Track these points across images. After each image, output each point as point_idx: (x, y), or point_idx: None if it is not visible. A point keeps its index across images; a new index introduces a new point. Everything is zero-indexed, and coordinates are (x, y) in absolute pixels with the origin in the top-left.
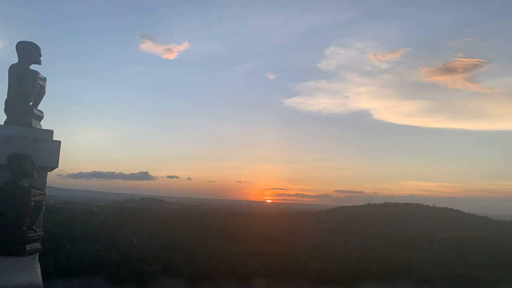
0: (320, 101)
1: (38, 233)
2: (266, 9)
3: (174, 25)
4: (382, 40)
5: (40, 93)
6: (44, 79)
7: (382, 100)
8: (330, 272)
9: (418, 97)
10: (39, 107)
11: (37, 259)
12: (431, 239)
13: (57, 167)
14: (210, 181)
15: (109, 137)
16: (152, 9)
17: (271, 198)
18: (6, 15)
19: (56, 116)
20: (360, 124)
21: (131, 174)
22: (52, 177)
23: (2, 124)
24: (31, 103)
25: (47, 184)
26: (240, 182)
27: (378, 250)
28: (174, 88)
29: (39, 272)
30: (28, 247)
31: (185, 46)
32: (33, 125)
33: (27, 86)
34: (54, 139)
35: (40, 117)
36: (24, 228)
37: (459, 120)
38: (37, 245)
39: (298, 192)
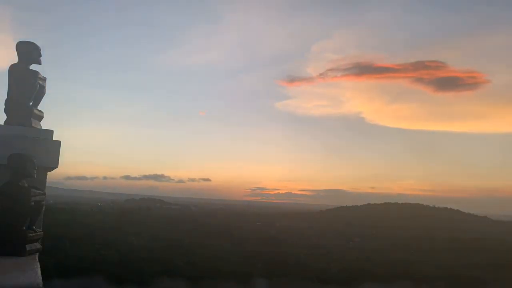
0: (313, 105)
1: (38, 233)
2: (259, 14)
3: (182, 34)
4: (375, 44)
5: (40, 93)
6: (44, 79)
7: (374, 103)
8: (330, 272)
9: (411, 100)
10: (39, 107)
11: (37, 259)
12: (431, 239)
13: (57, 167)
14: (188, 179)
15: (110, 138)
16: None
17: (269, 198)
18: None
19: (56, 116)
20: (353, 127)
21: (131, 174)
22: (52, 177)
23: (2, 124)
24: (31, 103)
25: (47, 184)
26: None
27: (378, 250)
28: (174, 93)
29: (39, 272)
30: (28, 247)
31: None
32: (33, 125)
33: (27, 86)
34: (54, 139)
35: (40, 117)
36: (24, 228)
37: (453, 122)
38: (37, 245)
39: (293, 192)
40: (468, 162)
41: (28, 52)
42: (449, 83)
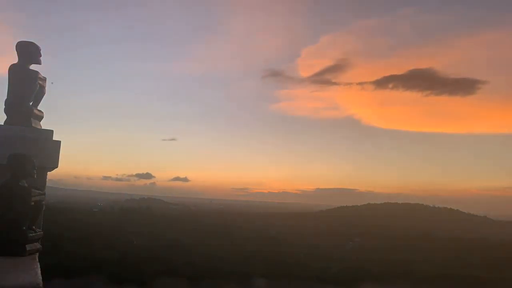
0: (309, 106)
1: (38, 233)
2: (254, 16)
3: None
4: (369, 48)
5: (40, 93)
6: (44, 79)
7: (370, 105)
8: (330, 272)
9: (406, 103)
10: (39, 107)
11: (37, 259)
12: (431, 239)
13: (57, 167)
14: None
15: (111, 139)
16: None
17: (264, 197)
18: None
19: (57, 116)
20: (347, 128)
21: (131, 174)
22: (52, 177)
23: (2, 124)
24: (31, 103)
25: (47, 184)
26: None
27: (378, 250)
28: (173, 94)
29: (39, 272)
30: (28, 247)
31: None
32: (33, 125)
33: (27, 86)
34: (54, 139)
35: (40, 117)
36: (24, 228)
37: (452, 123)
38: (37, 245)
39: (288, 192)
40: (467, 162)
41: (28, 52)
42: (447, 85)
